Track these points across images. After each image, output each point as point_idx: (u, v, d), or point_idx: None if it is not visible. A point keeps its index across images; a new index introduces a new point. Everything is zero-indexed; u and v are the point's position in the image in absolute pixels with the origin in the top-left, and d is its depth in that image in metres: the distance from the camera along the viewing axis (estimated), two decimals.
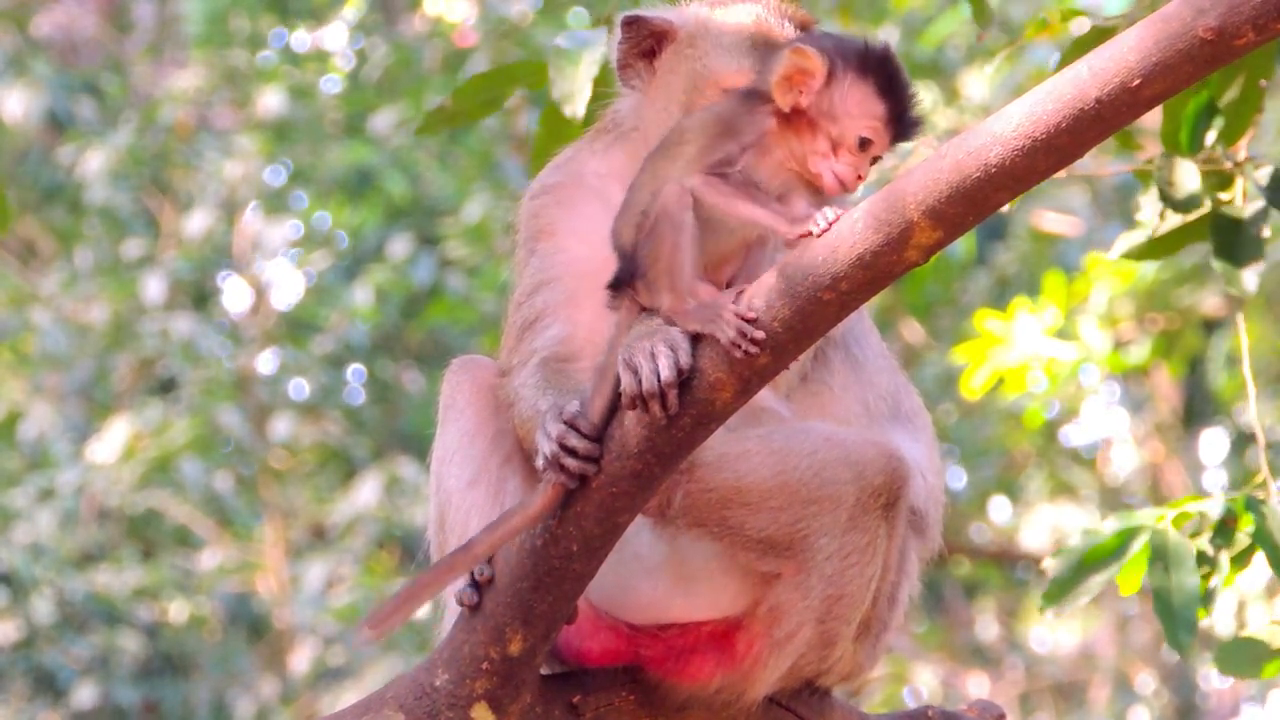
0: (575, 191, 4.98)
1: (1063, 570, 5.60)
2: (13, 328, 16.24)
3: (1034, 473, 16.94)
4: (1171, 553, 5.54)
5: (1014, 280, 15.98)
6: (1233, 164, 5.83)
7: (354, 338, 16.28)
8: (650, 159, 4.57)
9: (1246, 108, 5.90)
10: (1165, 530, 5.57)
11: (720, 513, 4.66)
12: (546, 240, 4.95)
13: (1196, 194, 5.80)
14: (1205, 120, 5.89)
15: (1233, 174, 5.83)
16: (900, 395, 5.01)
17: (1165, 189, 5.80)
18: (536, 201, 5.04)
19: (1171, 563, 5.52)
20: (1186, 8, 4.03)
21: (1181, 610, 5.49)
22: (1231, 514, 5.63)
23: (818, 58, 4.54)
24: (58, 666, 15.11)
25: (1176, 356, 13.42)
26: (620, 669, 4.81)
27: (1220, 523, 5.62)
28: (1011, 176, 4.15)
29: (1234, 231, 5.80)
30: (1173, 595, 5.50)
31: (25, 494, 15.38)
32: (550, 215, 4.99)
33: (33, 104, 16.50)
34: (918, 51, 14.93)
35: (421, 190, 16.88)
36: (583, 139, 5.15)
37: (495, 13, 15.57)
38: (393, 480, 15.55)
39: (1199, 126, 5.88)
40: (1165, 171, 5.81)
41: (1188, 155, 5.84)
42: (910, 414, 5.01)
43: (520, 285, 5.00)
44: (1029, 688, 19.53)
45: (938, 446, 5.07)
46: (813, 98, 4.53)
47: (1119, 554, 5.59)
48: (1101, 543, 5.60)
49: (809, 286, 4.26)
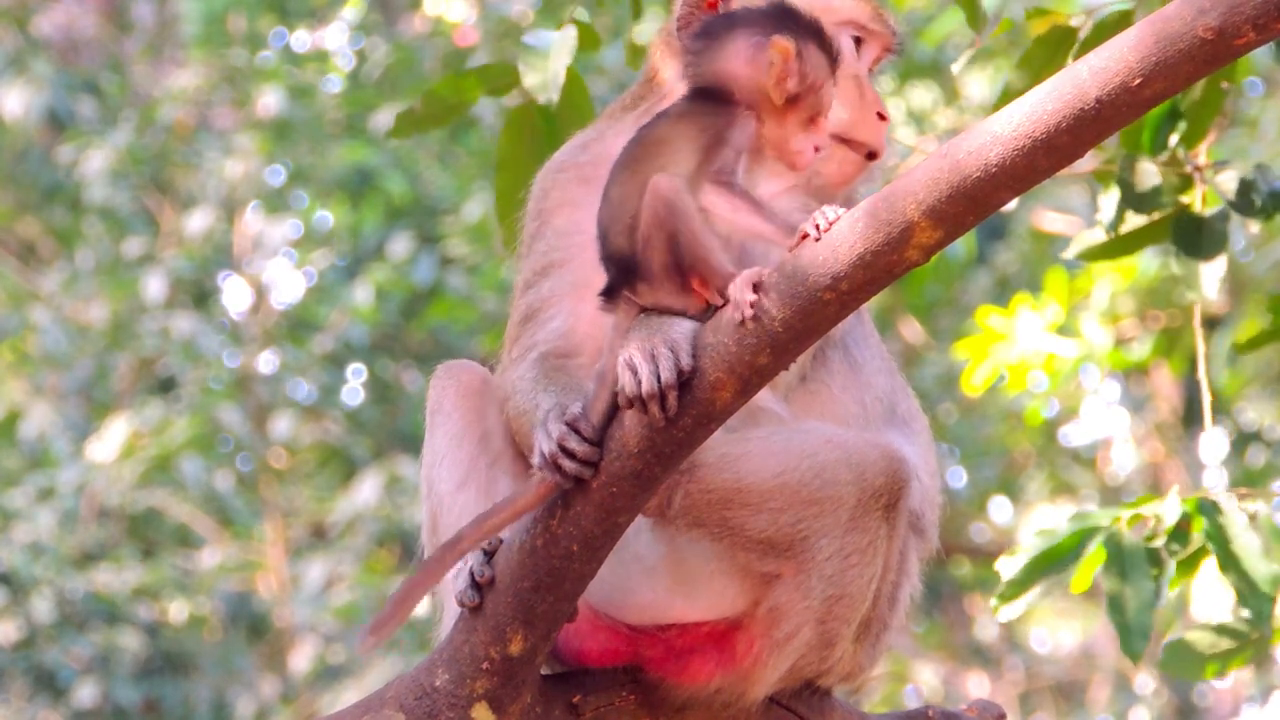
0: (600, 170, 4.83)
1: (1018, 571, 5.59)
2: (13, 327, 16.24)
3: (1034, 473, 16.95)
4: (1127, 556, 5.53)
5: (1014, 279, 15.98)
6: (1194, 167, 5.82)
7: (354, 337, 16.28)
8: (625, 168, 4.49)
9: (1208, 111, 5.89)
10: (1120, 533, 5.56)
11: (720, 513, 4.66)
12: (563, 216, 4.89)
13: (1158, 194, 5.78)
14: (1168, 123, 5.88)
15: (1193, 176, 5.82)
16: (897, 397, 5.00)
17: (1126, 189, 5.78)
18: (554, 177, 4.98)
19: (1127, 566, 5.51)
20: (1187, 7, 4.03)
21: (1135, 616, 5.48)
22: (1186, 517, 5.61)
23: (787, 40, 4.50)
24: (58, 666, 15.11)
25: (1177, 354, 13.42)
26: (620, 669, 4.81)
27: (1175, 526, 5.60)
28: (1011, 176, 4.15)
29: (1196, 231, 5.78)
30: (1127, 600, 5.49)
31: (25, 493, 15.39)
32: (570, 192, 4.93)
33: (33, 103, 16.50)
34: (918, 51, 14.93)
35: (421, 190, 16.88)
36: (605, 117, 5.10)
37: (495, 13, 15.57)
38: (393, 479, 15.55)
39: (1161, 129, 5.88)
40: (1126, 172, 5.79)
41: (1149, 156, 5.82)
42: (907, 416, 5.00)
43: (527, 265, 4.95)
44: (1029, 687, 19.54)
45: (934, 448, 5.06)
46: (796, 80, 4.51)
47: (1074, 555, 5.57)
48: (1057, 543, 5.60)
49: (809, 286, 4.26)
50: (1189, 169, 5.83)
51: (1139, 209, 5.78)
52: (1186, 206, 5.79)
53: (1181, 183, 5.82)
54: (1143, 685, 18.49)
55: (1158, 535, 5.59)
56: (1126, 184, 5.78)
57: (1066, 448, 16.95)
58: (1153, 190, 5.77)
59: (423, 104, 6.06)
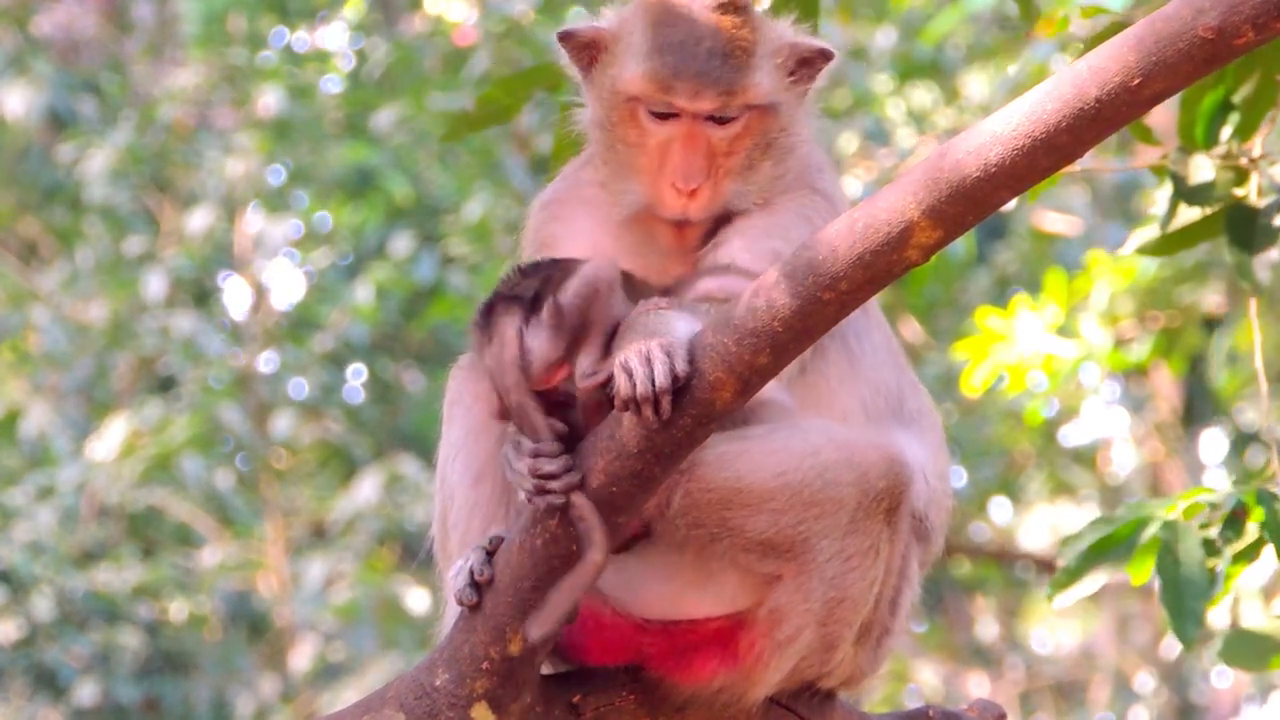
0: (573, 207, 4.95)
1: (1072, 559, 5.59)
2: (13, 326, 16.25)
3: (1034, 473, 16.95)
4: (1181, 544, 5.53)
5: (1014, 279, 15.98)
6: (1247, 160, 5.83)
7: (354, 336, 16.28)
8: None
9: (1262, 103, 5.90)
10: (1176, 521, 5.56)
11: (720, 513, 4.65)
12: (558, 249, 4.91)
13: (1211, 188, 5.80)
14: (1221, 116, 5.89)
15: (1247, 169, 5.83)
16: (905, 394, 4.94)
17: (1180, 184, 5.80)
18: (538, 215, 5.02)
19: (1181, 554, 5.52)
20: (1186, 7, 4.03)
21: (1189, 603, 5.49)
22: (1242, 506, 5.62)
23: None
24: (58, 664, 15.12)
25: (1177, 354, 13.41)
26: (621, 669, 4.81)
27: (1230, 515, 5.61)
28: (1011, 175, 4.14)
29: (1249, 222, 5.80)
30: (1181, 588, 5.50)
31: (25, 492, 15.39)
32: (550, 230, 4.97)
33: (33, 103, 16.51)
34: (918, 50, 14.93)
35: (422, 189, 16.88)
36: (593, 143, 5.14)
37: (496, 12, 15.57)
38: (393, 478, 15.56)
39: (1214, 122, 5.88)
40: (1180, 166, 5.81)
41: (1203, 150, 5.83)
42: (916, 413, 4.94)
43: None
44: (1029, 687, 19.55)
45: (945, 448, 4.99)
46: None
47: (1129, 544, 5.59)
48: (1111, 533, 5.60)
49: (809, 286, 4.26)
50: (1243, 162, 5.83)
51: (1192, 202, 5.79)
52: (1240, 199, 5.80)
53: (1235, 176, 5.83)
54: (1142, 685, 18.51)
55: (1212, 524, 5.60)
56: (1180, 179, 5.79)
57: (1066, 448, 16.95)
58: (1206, 184, 5.78)
59: (477, 106, 6.07)
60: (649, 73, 4.79)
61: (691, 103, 4.78)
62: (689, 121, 4.80)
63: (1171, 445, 16.54)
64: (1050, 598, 5.62)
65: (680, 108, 4.79)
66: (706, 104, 4.78)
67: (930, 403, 5.02)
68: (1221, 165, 5.82)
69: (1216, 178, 5.80)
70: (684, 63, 4.77)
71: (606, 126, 4.87)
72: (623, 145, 4.85)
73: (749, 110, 4.81)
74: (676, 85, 4.77)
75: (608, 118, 4.87)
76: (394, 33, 17.23)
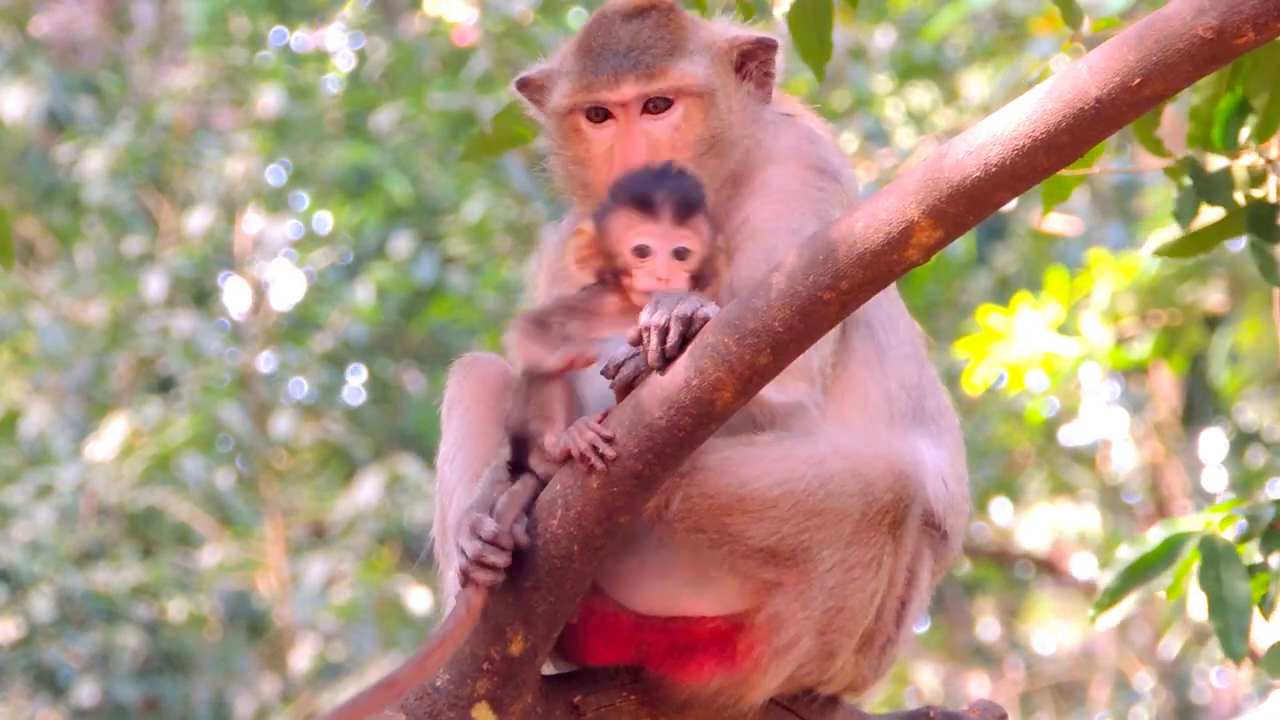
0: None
1: (1113, 580, 5.59)
2: (12, 327, 16.24)
3: (1034, 472, 16.94)
4: (1222, 558, 5.52)
5: (1014, 279, 15.97)
6: (1265, 160, 5.83)
7: (354, 336, 16.28)
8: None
9: (1278, 105, 5.89)
10: (1214, 536, 5.55)
11: (720, 519, 4.64)
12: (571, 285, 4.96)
13: (1229, 188, 5.79)
14: (1238, 118, 5.88)
15: (1265, 171, 5.83)
16: (925, 392, 4.92)
17: (1202, 183, 5.79)
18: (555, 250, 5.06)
19: (1222, 569, 5.50)
20: (1186, 7, 4.03)
21: (1235, 617, 5.48)
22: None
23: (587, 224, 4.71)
24: (57, 664, 15.12)
25: (1178, 353, 13.42)
26: (621, 669, 4.81)
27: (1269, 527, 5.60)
28: (1012, 175, 4.15)
29: (1272, 219, 5.79)
30: (1226, 603, 5.48)
31: (24, 491, 15.39)
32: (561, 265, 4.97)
33: (32, 103, 16.50)
34: (918, 50, 14.92)
35: (422, 189, 16.88)
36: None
37: (496, 12, 15.57)
38: (393, 478, 15.56)
39: (1232, 124, 5.88)
40: (1199, 167, 5.80)
41: (1222, 152, 5.83)
42: (935, 414, 4.92)
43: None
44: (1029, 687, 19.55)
45: (963, 449, 4.97)
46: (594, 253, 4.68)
47: (1167, 561, 5.58)
48: (1150, 551, 5.59)
49: (810, 286, 4.26)
50: (1261, 163, 5.83)
51: (1214, 203, 5.79)
52: (1260, 199, 5.79)
53: (1254, 178, 5.82)
54: (1142, 685, 18.50)
55: (1253, 536, 5.59)
56: (1201, 178, 5.79)
57: (1066, 447, 16.94)
58: (1224, 184, 5.78)
59: (494, 125, 6.07)
60: (574, 79, 4.88)
61: (615, 92, 4.84)
62: (624, 119, 4.86)
63: (1171, 445, 16.54)
64: (1093, 620, 5.60)
65: (605, 100, 4.85)
66: (628, 89, 4.84)
67: (948, 400, 5.01)
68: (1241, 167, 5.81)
69: (1235, 178, 5.80)
70: (604, 60, 4.86)
71: (559, 150, 4.95)
72: (575, 165, 4.93)
73: (682, 98, 4.86)
74: (597, 80, 4.85)
75: (558, 142, 4.94)
76: (394, 33, 17.23)
